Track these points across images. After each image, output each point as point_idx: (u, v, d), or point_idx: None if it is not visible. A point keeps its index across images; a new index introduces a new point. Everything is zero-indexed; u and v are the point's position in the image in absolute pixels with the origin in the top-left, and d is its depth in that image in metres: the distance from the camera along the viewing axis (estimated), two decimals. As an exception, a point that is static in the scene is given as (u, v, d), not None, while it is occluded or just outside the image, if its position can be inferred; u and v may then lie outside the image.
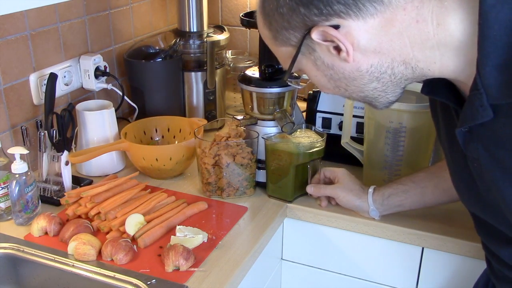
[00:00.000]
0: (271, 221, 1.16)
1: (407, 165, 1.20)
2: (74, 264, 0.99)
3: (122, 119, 1.61)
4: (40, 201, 1.16)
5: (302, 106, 1.44)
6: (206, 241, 1.07)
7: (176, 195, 1.23)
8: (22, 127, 1.23)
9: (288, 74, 0.81)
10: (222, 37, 1.58)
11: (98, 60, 1.46)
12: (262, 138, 1.21)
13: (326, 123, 1.37)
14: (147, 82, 1.53)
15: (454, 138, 0.75)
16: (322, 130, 1.35)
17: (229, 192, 1.23)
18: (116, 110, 1.42)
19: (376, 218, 1.14)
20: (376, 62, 0.73)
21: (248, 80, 1.24)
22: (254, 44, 1.87)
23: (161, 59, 1.53)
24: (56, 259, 1.01)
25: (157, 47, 1.59)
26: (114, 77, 1.54)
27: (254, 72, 1.27)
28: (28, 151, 1.11)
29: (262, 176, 1.26)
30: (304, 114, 1.42)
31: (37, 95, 1.32)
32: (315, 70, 0.78)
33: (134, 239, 1.06)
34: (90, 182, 1.29)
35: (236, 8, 1.86)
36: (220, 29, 1.66)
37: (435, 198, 1.08)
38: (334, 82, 0.78)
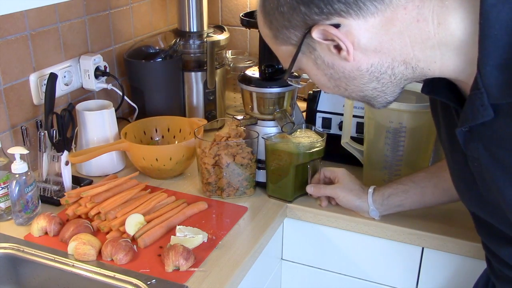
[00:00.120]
0: (271, 221, 1.16)
1: (407, 165, 1.20)
2: (74, 264, 0.99)
3: (122, 119, 1.61)
4: (40, 201, 1.16)
5: (302, 106, 1.44)
6: (206, 241, 1.07)
7: (176, 195, 1.23)
8: (22, 127, 1.23)
9: (288, 73, 0.81)
10: (222, 37, 1.58)
11: (98, 60, 1.46)
12: (262, 138, 1.21)
13: (326, 123, 1.37)
14: (147, 82, 1.52)
15: (455, 138, 0.75)
16: (322, 130, 1.34)
17: (229, 192, 1.23)
18: (116, 110, 1.41)
19: (376, 218, 1.14)
20: (376, 61, 0.73)
21: (248, 80, 1.24)
22: (254, 44, 1.88)
23: (161, 59, 1.53)
24: (56, 259, 1.01)
25: (157, 47, 1.59)
26: (114, 77, 1.54)
27: (254, 72, 1.27)
28: (28, 151, 1.11)
29: (262, 176, 1.26)
30: (304, 114, 1.42)
31: (37, 95, 1.32)
32: (315, 69, 0.78)
33: (134, 239, 1.06)
34: (90, 182, 1.29)
35: (236, 8, 1.86)
36: (220, 29, 1.66)
37: (435, 198, 1.08)
38: (334, 81, 0.78)
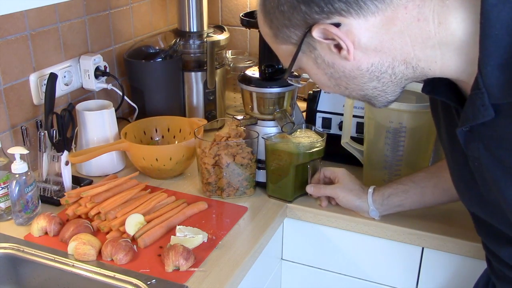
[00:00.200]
0: (271, 221, 1.16)
1: (407, 165, 1.20)
2: (74, 264, 0.99)
3: (122, 119, 1.61)
4: (40, 201, 1.16)
5: (302, 106, 1.44)
6: (206, 241, 1.07)
7: (176, 195, 1.23)
8: (22, 127, 1.23)
9: (288, 72, 0.81)
10: (222, 37, 1.58)
11: (98, 60, 1.46)
12: (262, 138, 1.21)
13: (326, 123, 1.37)
14: (147, 82, 1.52)
15: (455, 138, 0.75)
16: (322, 130, 1.34)
17: (229, 192, 1.23)
18: (116, 110, 1.41)
19: (376, 218, 1.14)
20: (377, 61, 0.73)
21: (248, 80, 1.24)
22: (254, 44, 1.88)
23: (161, 59, 1.53)
24: (56, 259, 1.01)
25: (157, 47, 1.59)
26: (114, 77, 1.54)
27: (254, 72, 1.26)
28: (28, 151, 1.11)
29: (262, 176, 1.26)
30: (304, 114, 1.42)
31: (37, 95, 1.32)
32: (316, 69, 0.78)
33: (134, 239, 1.06)
34: (90, 182, 1.29)
35: (236, 8, 1.86)
36: (220, 29, 1.66)
37: (435, 198, 1.08)
38: (335, 80, 0.78)
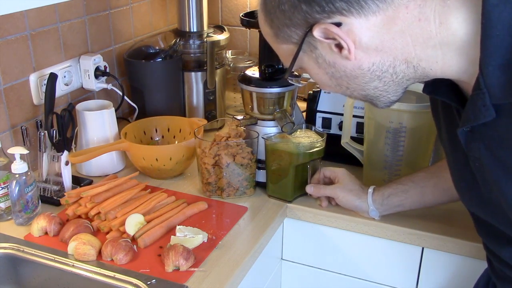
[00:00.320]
0: (271, 221, 1.16)
1: (407, 165, 1.20)
2: (74, 264, 0.99)
3: (122, 119, 1.61)
4: (40, 201, 1.16)
5: (302, 106, 1.44)
6: (206, 241, 1.07)
7: (176, 195, 1.22)
8: (22, 127, 1.23)
9: (289, 72, 0.81)
10: (222, 37, 1.58)
11: (98, 60, 1.46)
12: (262, 138, 1.21)
13: (326, 123, 1.37)
14: (147, 82, 1.52)
15: (456, 138, 0.75)
16: (322, 130, 1.34)
17: (229, 192, 1.23)
18: (116, 110, 1.41)
19: (376, 218, 1.14)
20: (377, 60, 0.72)
21: (248, 80, 1.24)
22: (254, 44, 1.87)
23: (161, 59, 1.53)
24: (56, 259, 1.00)
25: (157, 47, 1.59)
26: (114, 77, 1.54)
27: (254, 72, 1.26)
28: (28, 151, 1.10)
29: (262, 176, 1.26)
30: (304, 114, 1.42)
31: (37, 95, 1.32)
32: (317, 68, 0.78)
33: (134, 239, 1.06)
34: (90, 182, 1.29)
35: (236, 8, 1.86)
36: (220, 29, 1.66)
37: (435, 198, 1.08)
38: (336, 80, 0.78)
